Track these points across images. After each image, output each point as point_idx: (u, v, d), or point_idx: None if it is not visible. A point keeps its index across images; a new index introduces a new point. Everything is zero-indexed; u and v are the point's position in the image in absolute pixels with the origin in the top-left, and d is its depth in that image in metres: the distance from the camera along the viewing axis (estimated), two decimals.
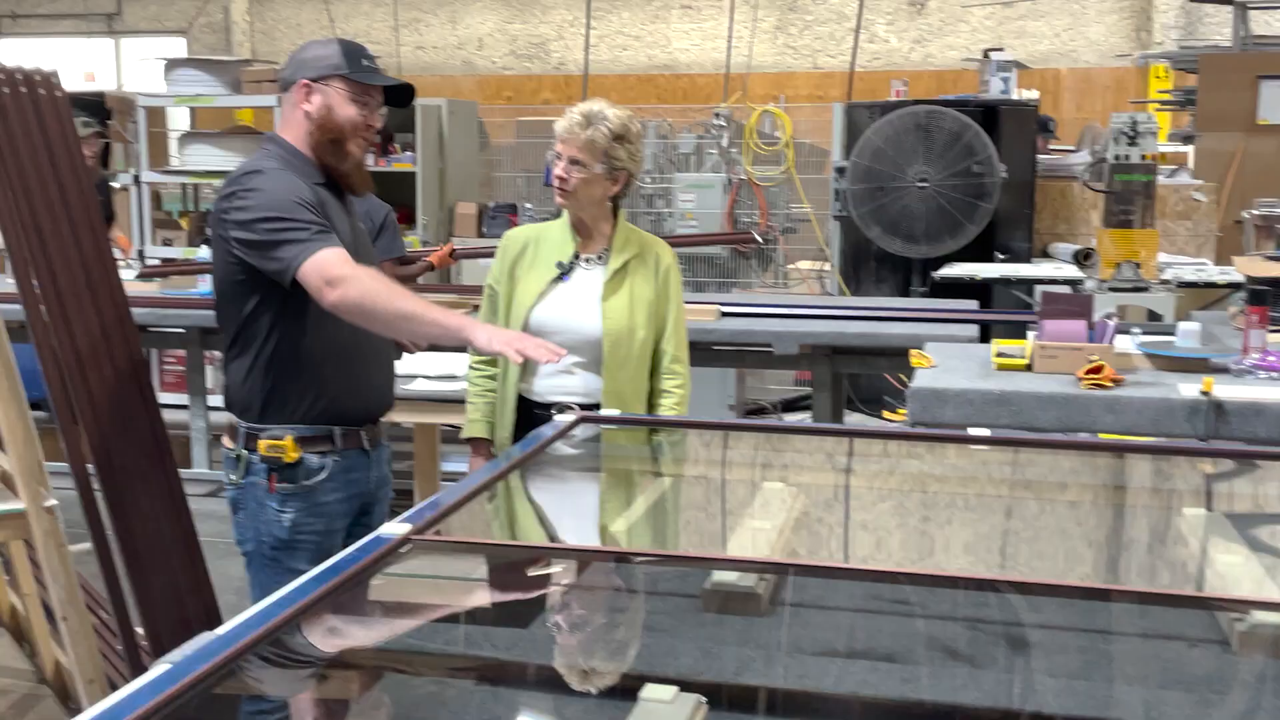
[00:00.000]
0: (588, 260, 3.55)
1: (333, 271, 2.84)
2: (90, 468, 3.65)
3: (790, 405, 8.69)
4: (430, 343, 3.24)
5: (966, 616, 2.26)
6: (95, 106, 8.91)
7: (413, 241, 9.44)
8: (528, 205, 9.73)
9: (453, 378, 4.90)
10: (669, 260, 3.60)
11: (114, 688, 3.63)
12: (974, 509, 3.04)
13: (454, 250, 7.11)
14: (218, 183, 7.10)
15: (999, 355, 4.09)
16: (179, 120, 9.88)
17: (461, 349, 3.39)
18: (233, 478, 3.09)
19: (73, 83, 3.88)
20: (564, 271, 3.51)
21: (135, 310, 3.84)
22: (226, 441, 3.12)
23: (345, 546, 2.71)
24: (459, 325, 2.92)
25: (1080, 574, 2.73)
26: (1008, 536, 2.88)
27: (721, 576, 2.26)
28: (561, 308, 3.48)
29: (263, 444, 3.02)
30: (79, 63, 12.96)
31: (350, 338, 3.03)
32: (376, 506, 3.23)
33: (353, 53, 3.07)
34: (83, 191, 3.56)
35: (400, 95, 3.16)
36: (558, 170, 3.46)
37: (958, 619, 2.27)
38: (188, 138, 8.82)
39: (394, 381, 3.29)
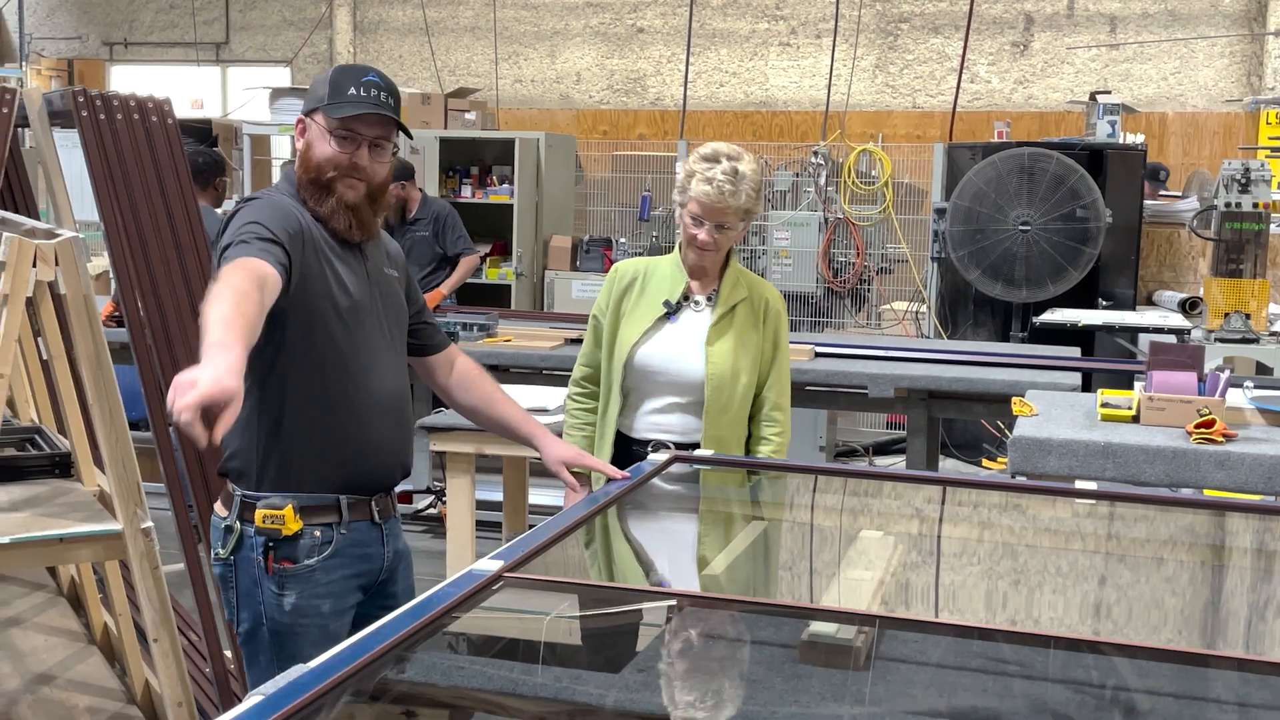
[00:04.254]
0: (696, 302, 3.50)
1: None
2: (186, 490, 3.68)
3: (882, 449, 8.58)
4: None
5: (1071, 679, 2.19)
6: (202, 134, 9.11)
7: (507, 274, 9.52)
8: (621, 240, 9.75)
9: (544, 410, 4.89)
10: (778, 306, 3.53)
11: (202, 712, 3.65)
12: (1079, 565, 2.95)
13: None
14: None
15: (1104, 405, 3.98)
16: (282, 149, 10.05)
17: (560, 382, 3.32)
18: (220, 551, 2.72)
19: (180, 110, 3.93)
20: (671, 311, 3.46)
21: None
22: (219, 508, 2.76)
23: (363, 623, 2.34)
24: (205, 348, 2.16)
25: (1189, 638, 2.63)
26: (1114, 596, 2.78)
27: (819, 628, 2.20)
28: (666, 348, 3.44)
29: (259, 514, 2.64)
30: (186, 90, 13.27)
31: (358, 393, 2.70)
32: (397, 584, 2.88)
33: (340, 82, 2.67)
34: (190, 217, 3.61)
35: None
36: (702, 235, 3.36)
37: (1062, 681, 2.19)
38: (290, 165, 8.96)
39: (411, 446, 2.90)
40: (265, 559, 2.66)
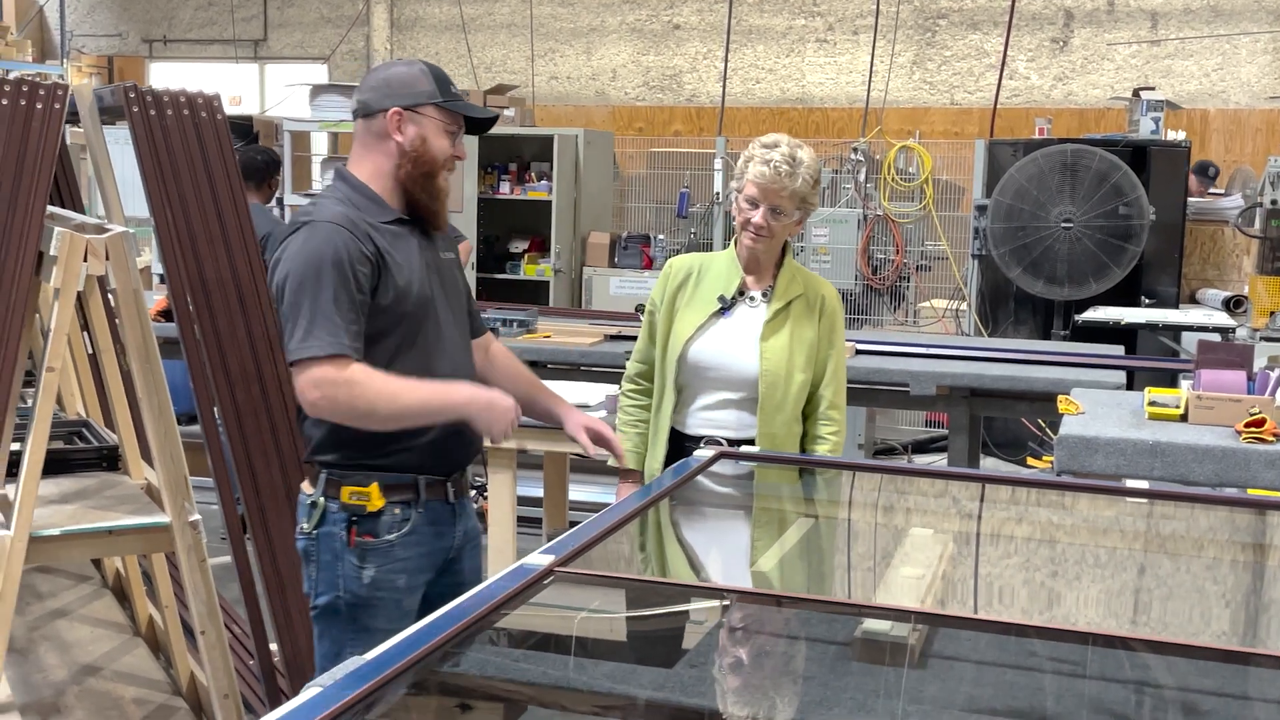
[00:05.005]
0: (751, 297, 3.45)
1: (321, 387, 2.66)
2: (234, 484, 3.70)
3: (921, 447, 8.54)
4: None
5: (1123, 677, 2.17)
6: (244, 130, 9.16)
7: (545, 270, 9.53)
8: (660, 236, 9.75)
9: (585, 407, 4.88)
10: (834, 303, 3.48)
11: (246, 705, 3.67)
12: (1129, 563, 2.92)
13: None
14: None
15: (1152, 404, 3.94)
16: (321, 145, 10.10)
17: (599, 379, 3.30)
18: (305, 526, 2.85)
19: None
20: (725, 306, 3.42)
21: None
22: (305, 486, 2.90)
23: (436, 603, 2.41)
24: (454, 405, 2.72)
25: (1253, 639, 2.60)
26: (1167, 593, 2.76)
27: (873, 625, 2.19)
28: (720, 343, 3.40)
29: (345, 491, 2.79)
30: (225, 86, 13.32)
31: (434, 378, 2.79)
32: (464, 562, 2.98)
33: (442, 78, 2.87)
34: (239, 212, 3.62)
35: (481, 124, 2.95)
36: (756, 218, 3.33)
37: (1115, 679, 2.17)
38: (330, 162, 9.02)
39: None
40: (348, 533, 2.79)
